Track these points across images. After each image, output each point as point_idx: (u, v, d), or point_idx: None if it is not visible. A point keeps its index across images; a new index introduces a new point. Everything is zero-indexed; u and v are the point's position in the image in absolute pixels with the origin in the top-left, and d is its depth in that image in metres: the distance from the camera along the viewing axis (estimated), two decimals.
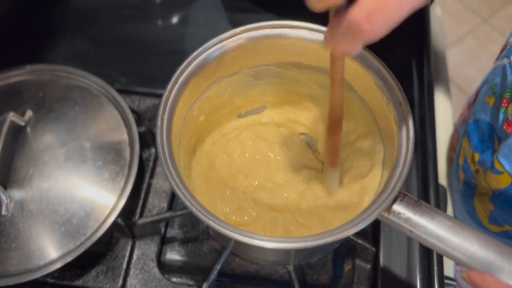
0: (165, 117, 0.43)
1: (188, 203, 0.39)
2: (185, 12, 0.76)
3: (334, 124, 0.45)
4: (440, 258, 0.55)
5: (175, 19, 0.76)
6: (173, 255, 0.58)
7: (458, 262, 0.39)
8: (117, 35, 0.74)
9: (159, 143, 0.42)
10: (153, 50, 0.72)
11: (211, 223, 0.39)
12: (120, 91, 0.62)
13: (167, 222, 0.59)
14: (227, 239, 0.40)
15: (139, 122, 0.64)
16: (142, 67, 0.71)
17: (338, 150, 0.47)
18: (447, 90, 0.77)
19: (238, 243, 0.40)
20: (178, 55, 0.47)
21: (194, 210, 0.39)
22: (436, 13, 0.82)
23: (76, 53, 0.72)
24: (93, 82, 0.61)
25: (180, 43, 0.73)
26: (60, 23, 0.75)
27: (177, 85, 0.44)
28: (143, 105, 0.66)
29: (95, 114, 0.59)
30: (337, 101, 0.43)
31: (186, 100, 0.46)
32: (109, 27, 0.75)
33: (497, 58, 0.59)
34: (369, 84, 0.46)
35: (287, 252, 0.46)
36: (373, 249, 0.54)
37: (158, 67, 0.69)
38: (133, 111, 0.64)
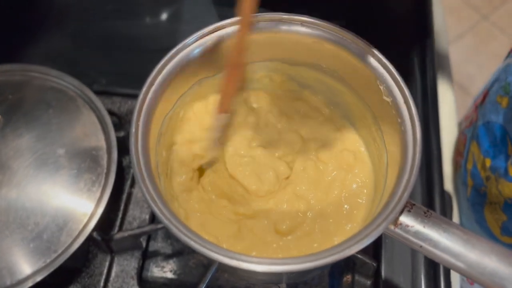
0: (140, 123, 0.38)
1: (166, 221, 0.35)
2: (171, 7, 0.72)
3: (233, 66, 0.42)
4: (447, 271, 0.51)
5: (160, 14, 0.71)
6: (156, 271, 0.53)
7: (476, 281, 0.35)
8: (96, 32, 0.69)
9: (133, 153, 0.37)
10: (135, 47, 0.68)
11: (192, 243, 0.34)
12: (99, 93, 0.57)
13: (149, 235, 0.54)
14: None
15: (119, 126, 0.59)
16: (123, 67, 0.66)
17: (231, 95, 0.44)
18: (451, 89, 0.73)
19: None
20: (162, 53, 0.42)
21: (174, 230, 0.34)
22: (438, 10, 0.78)
23: (51, 52, 0.66)
24: (69, 83, 0.56)
25: (164, 39, 0.68)
26: (34, 19, 0.70)
27: (153, 87, 0.40)
28: (124, 108, 0.61)
29: (71, 118, 0.54)
30: (241, 41, 0.40)
31: (165, 103, 0.42)
32: (88, 23, 0.70)
33: (509, 55, 0.54)
34: (369, 81, 0.42)
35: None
36: (374, 264, 0.50)
37: (140, 66, 0.62)
38: (113, 114, 0.60)
